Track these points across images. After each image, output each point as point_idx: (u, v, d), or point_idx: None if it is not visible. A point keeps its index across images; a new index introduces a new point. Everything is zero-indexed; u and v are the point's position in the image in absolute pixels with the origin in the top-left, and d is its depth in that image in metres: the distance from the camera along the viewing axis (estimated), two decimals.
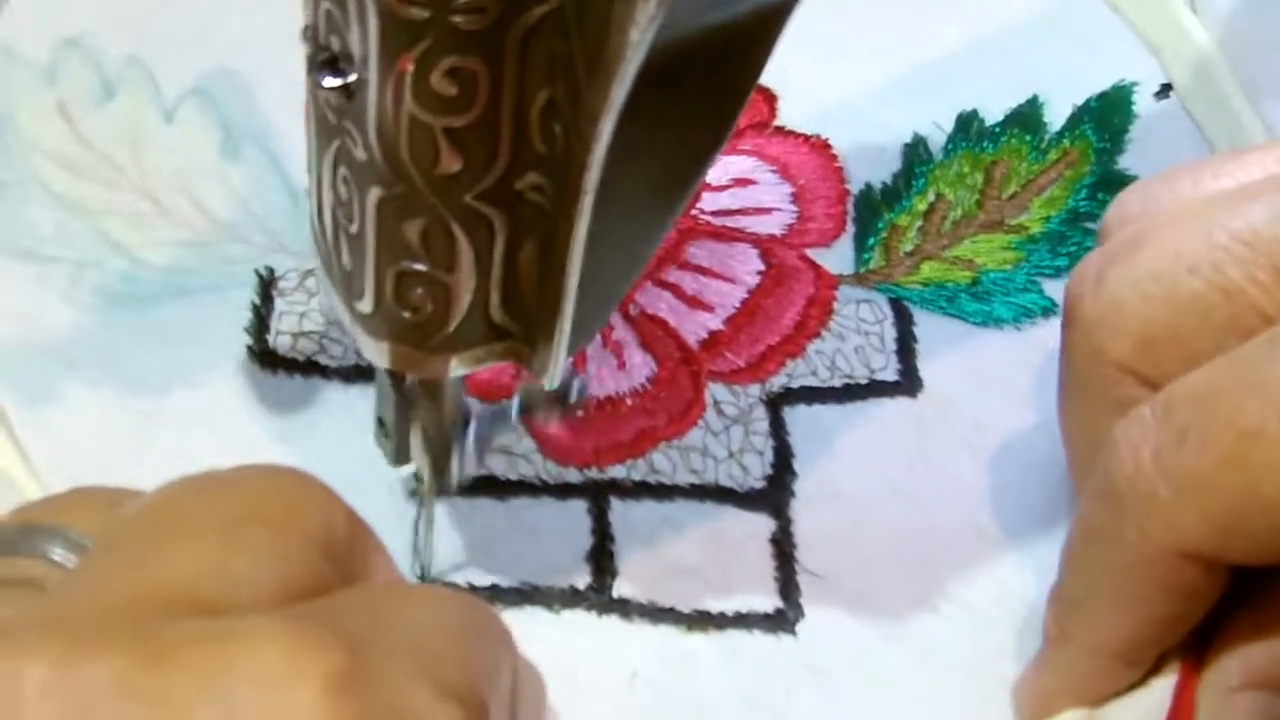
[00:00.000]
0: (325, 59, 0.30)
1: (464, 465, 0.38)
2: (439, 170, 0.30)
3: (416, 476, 0.40)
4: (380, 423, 0.37)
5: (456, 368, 0.33)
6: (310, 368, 0.43)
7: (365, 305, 0.33)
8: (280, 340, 0.43)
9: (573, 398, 0.38)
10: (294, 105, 0.48)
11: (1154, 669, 0.34)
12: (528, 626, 0.38)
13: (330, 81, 0.30)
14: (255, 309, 0.44)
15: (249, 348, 0.43)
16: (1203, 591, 0.32)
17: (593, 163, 0.29)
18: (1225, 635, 0.34)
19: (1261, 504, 0.30)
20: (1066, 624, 0.35)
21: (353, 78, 0.29)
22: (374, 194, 0.31)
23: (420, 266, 0.31)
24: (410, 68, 0.28)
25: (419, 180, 0.30)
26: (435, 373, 0.33)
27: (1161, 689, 0.34)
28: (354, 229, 0.32)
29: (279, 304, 0.44)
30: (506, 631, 0.31)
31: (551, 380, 0.33)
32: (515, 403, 0.39)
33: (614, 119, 0.29)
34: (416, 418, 0.36)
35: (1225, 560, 0.31)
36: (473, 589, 0.39)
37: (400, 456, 0.37)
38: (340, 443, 0.41)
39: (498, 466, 0.41)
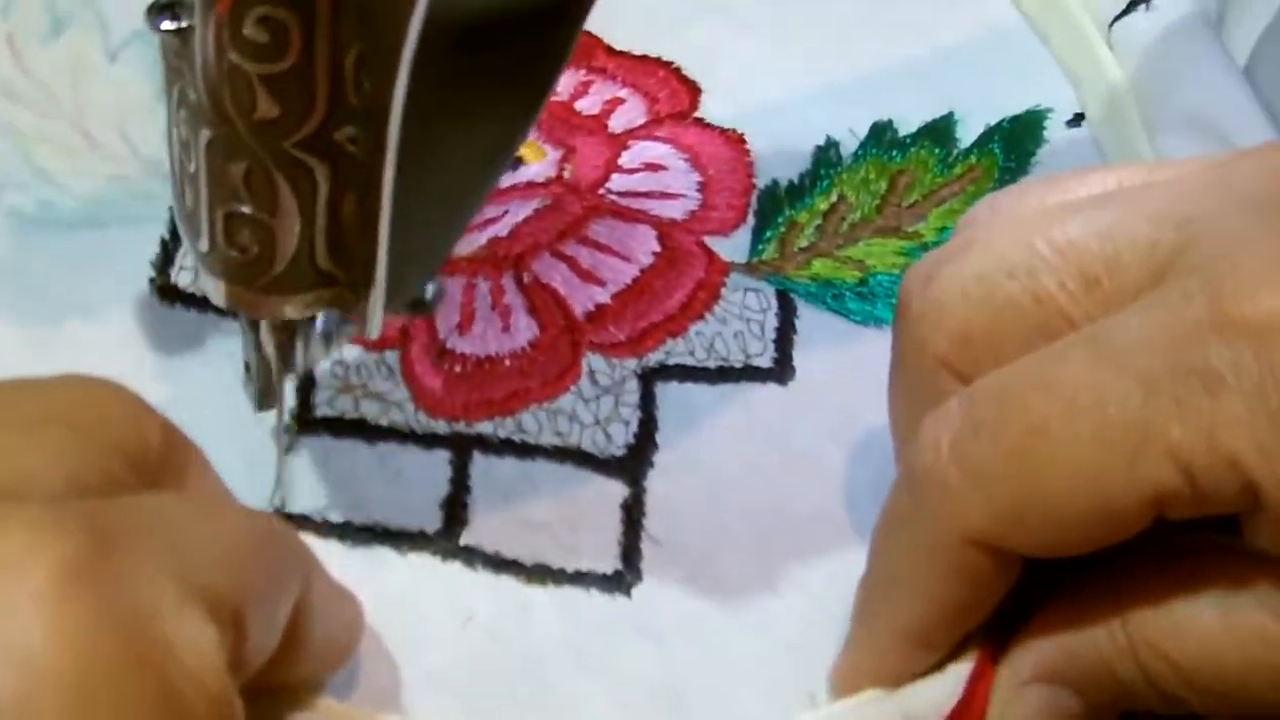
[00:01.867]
0: (163, 3, 0.32)
1: (311, 353, 0.39)
2: (257, 115, 0.32)
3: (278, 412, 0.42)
4: (246, 367, 0.39)
5: (287, 310, 0.35)
6: (208, 304, 0.44)
7: (203, 244, 0.34)
8: (183, 275, 0.45)
9: (428, 297, 0.39)
10: None
11: (955, 654, 0.36)
12: (375, 565, 0.40)
13: (166, 25, 0.32)
14: (163, 243, 0.45)
15: (150, 280, 0.45)
16: (992, 579, 0.33)
17: (392, 118, 0.31)
18: (1024, 628, 0.35)
19: (1040, 497, 0.31)
20: (869, 605, 0.36)
21: (185, 23, 0.31)
22: (204, 135, 0.33)
23: (245, 209, 0.33)
24: (225, 13, 0.30)
25: (240, 125, 0.32)
26: (266, 313, 0.35)
27: (956, 675, 0.35)
28: (192, 168, 0.34)
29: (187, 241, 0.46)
30: (299, 553, 0.33)
31: (372, 333, 0.35)
32: None
33: (406, 74, 0.31)
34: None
35: (1009, 549, 0.32)
36: (327, 524, 0.40)
37: (263, 402, 0.39)
38: (230, 380, 0.43)
39: (369, 411, 0.43)
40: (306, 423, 0.42)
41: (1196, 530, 0.32)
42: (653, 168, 0.49)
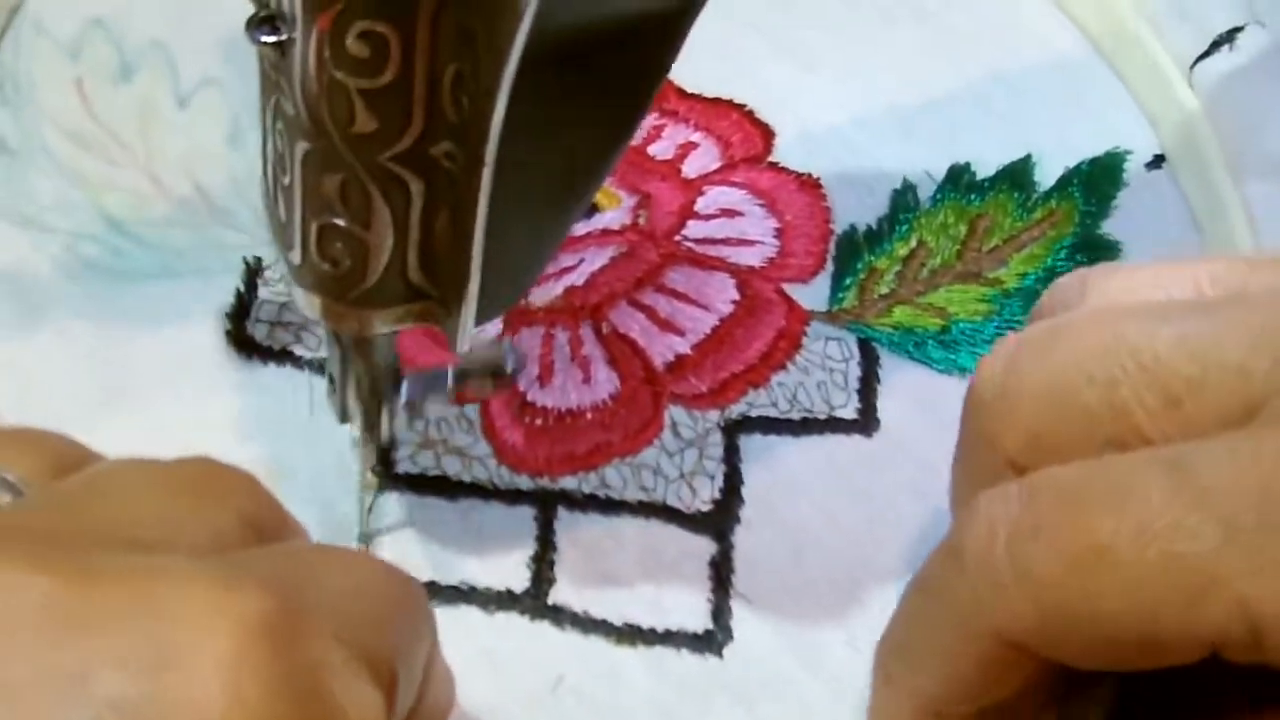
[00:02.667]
0: (263, 16, 0.32)
1: (394, 424, 0.39)
2: (355, 129, 0.32)
3: (371, 473, 0.41)
4: (330, 379, 0.39)
5: (377, 324, 0.35)
6: (284, 356, 0.44)
7: (295, 256, 0.34)
8: (258, 328, 0.44)
9: (508, 369, 0.39)
10: None
11: None
12: (461, 625, 0.39)
13: (265, 38, 0.32)
14: (238, 295, 0.45)
15: (227, 332, 0.44)
16: (1017, 674, 0.32)
17: (490, 135, 0.31)
18: None
19: (1092, 616, 0.30)
20: (889, 665, 0.35)
21: (285, 36, 0.31)
22: (300, 147, 0.33)
23: (340, 221, 0.33)
24: (328, 28, 0.30)
25: (337, 137, 0.32)
26: (357, 327, 0.35)
27: None
28: (287, 181, 0.34)
29: (262, 293, 0.45)
30: (428, 611, 0.32)
31: (461, 347, 0.35)
32: (450, 371, 0.40)
33: (506, 92, 0.30)
34: (352, 371, 0.38)
35: (1043, 655, 0.31)
36: None
37: (345, 413, 0.39)
38: (305, 433, 0.42)
39: (451, 468, 0.42)
40: (387, 479, 0.42)
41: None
42: (729, 214, 0.48)
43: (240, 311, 0.45)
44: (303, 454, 0.42)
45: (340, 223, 0.33)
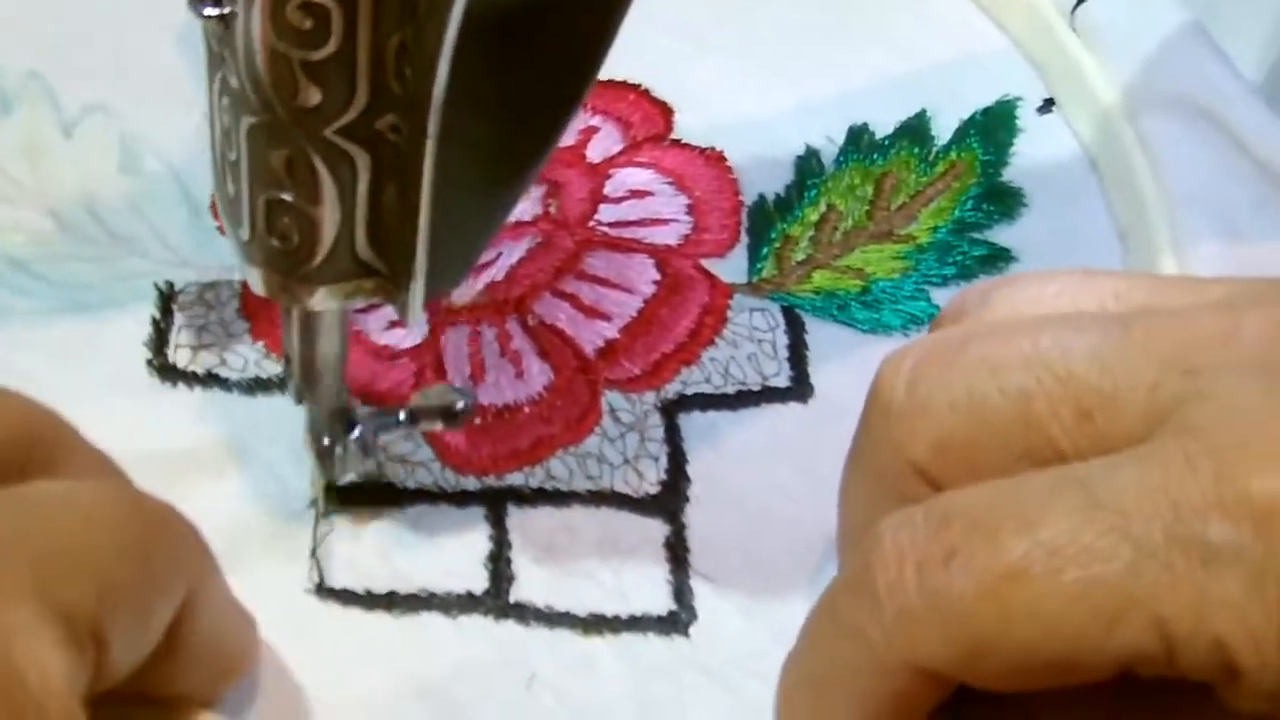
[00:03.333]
0: None
1: (349, 462, 0.39)
2: (299, 102, 0.32)
3: (314, 487, 0.41)
4: (287, 360, 0.38)
5: (326, 299, 0.35)
6: (211, 380, 0.43)
7: (244, 233, 0.34)
8: (180, 354, 0.44)
9: (459, 408, 0.39)
10: (193, 119, 0.49)
11: None
12: (426, 632, 0.39)
13: (209, 11, 0.31)
14: (154, 322, 0.44)
15: (149, 361, 0.43)
16: (925, 703, 0.32)
17: (433, 106, 0.31)
18: None
19: (1009, 642, 0.29)
20: (793, 701, 0.34)
21: (227, 9, 0.31)
22: (246, 122, 0.32)
23: (286, 196, 0.33)
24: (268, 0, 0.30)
25: (281, 110, 0.32)
26: (306, 302, 0.35)
27: None
28: (233, 156, 0.33)
29: (179, 318, 0.44)
30: (191, 555, 0.32)
31: (411, 323, 0.35)
32: (403, 411, 0.40)
33: (449, 61, 0.30)
34: (305, 407, 0.38)
35: (960, 681, 0.31)
36: (370, 595, 0.39)
37: (301, 396, 0.38)
38: (242, 454, 0.42)
39: (395, 475, 0.41)
40: (332, 494, 0.41)
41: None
42: (639, 194, 0.48)
43: (159, 339, 0.44)
44: (244, 476, 0.41)
45: (288, 198, 0.33)
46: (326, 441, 0.38)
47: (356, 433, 0.38)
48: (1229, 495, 0.28)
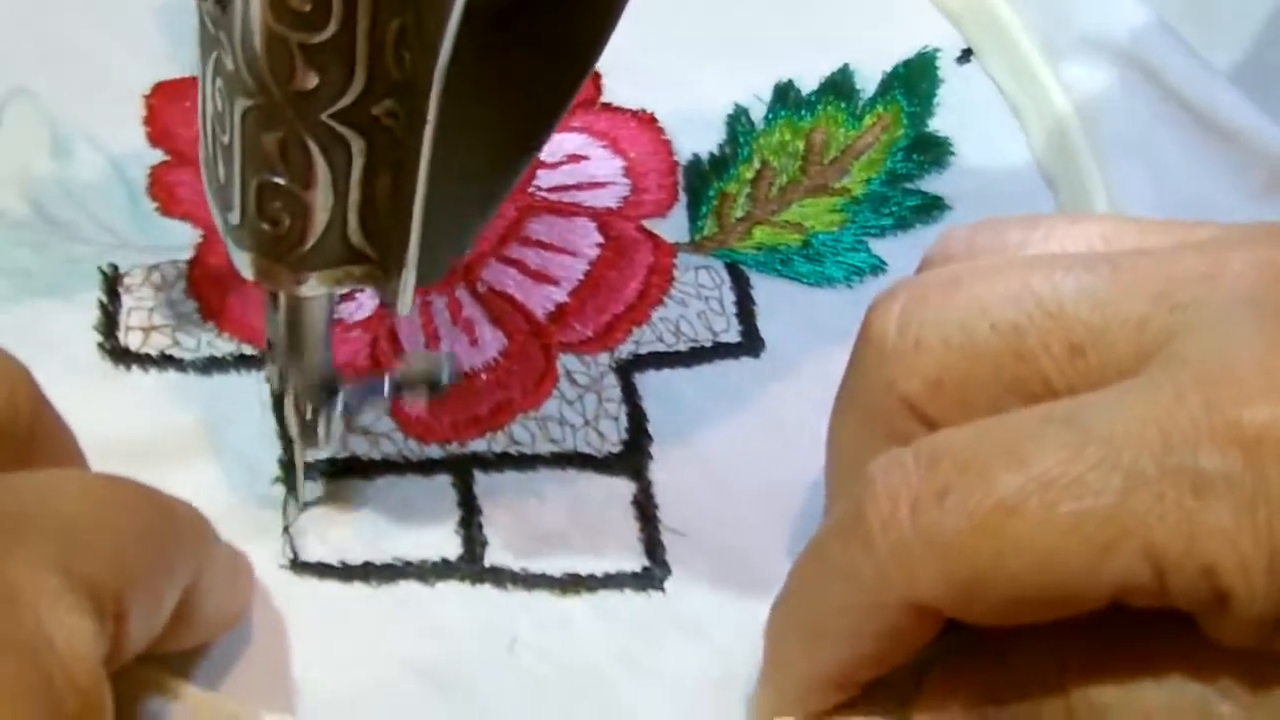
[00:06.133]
0: None
1: (331, 433, 0.39)
2: (295, 85, 0.31)
3: (280, 464, 0.41)
4: (269, 344, 0.38)
5: (316, 285, 0.35)
6: (166, 361, 0.43)
7: (234, 217, 0.34)
8: (131, 336, 0.43)
9: (444, 379, 0.39)
10: (126, 101, 0.48)
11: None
12: (405, 601, 0.39)
13: None
14: (102, 306, 0.44)
15: (100, 345, 0.43)
16: (921, 639, 0.33)
17: (433, 91, 0.31)
18: (953, 668, 0.34)
19: (1003, 576, 0.30)
20: (783, 644, 0.35)
21: None
22: (240, 105, 0.32)
23: (279, 180, 0.33)
24: None
25: (277, 94, 0.32)
26: (295, 288, 0.35)
27: None
28: (226, 140, 0.33)
29: (126, 300, 0.44)
30: (197, 536, 0.33)
31: (402, 310, 0.35)
32: (387, 381, 0.40)
33: (449, 47, 0.30)
34: (290, 382, 0.37)
35: (955, 617, 0.32)
36: (346, 568, 0.39)
37: (281, 383, 0.38)
38: (204, 435, 0.41)
39: (360, 447, 0.42)
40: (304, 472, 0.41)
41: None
42: (575, 159, 0.49)
43: (109, 322, 0.43)
44: (205, 460, 0.41)
45: (280, 182, 0.33)
46: (310, 414, 0.38)
47: (340, 404, 0.38)
48: (1219, 424, 0.29)
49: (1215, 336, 0.30)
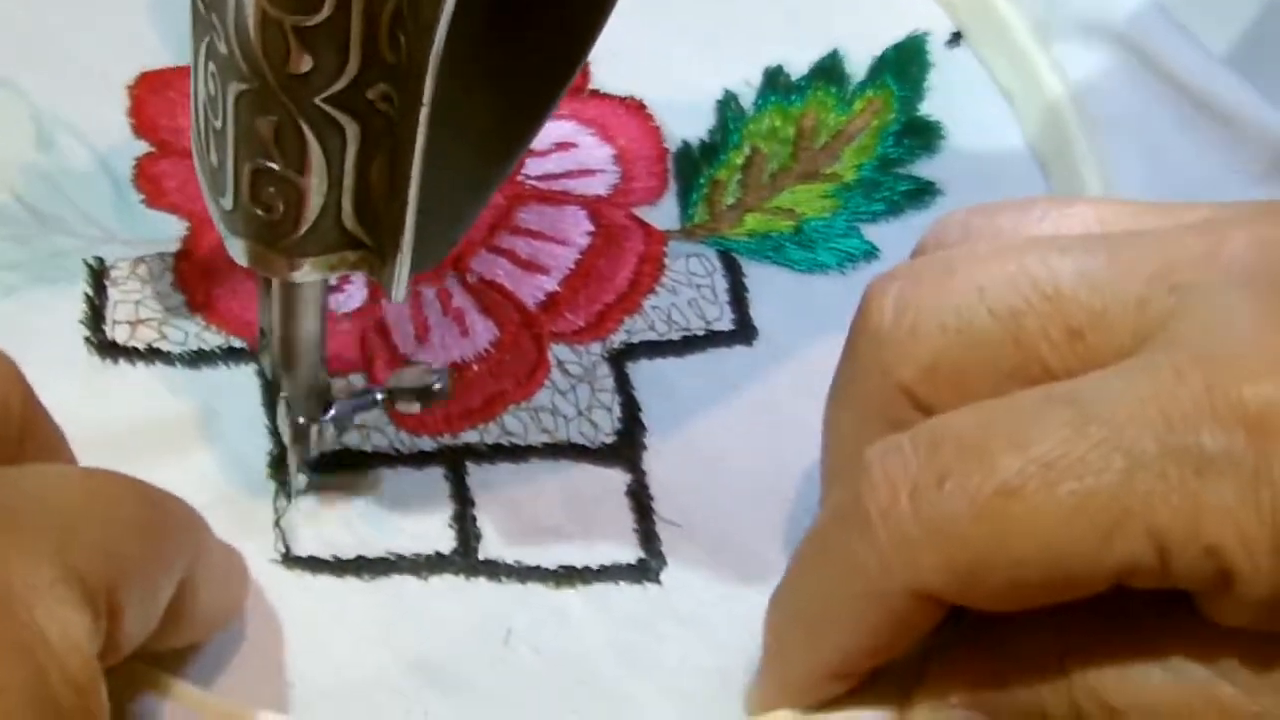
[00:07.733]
0: None
1: (324, 442, 0.39)
2: (289, 68, 0.31)
3: (272, 458, 0.40)
4: (262, 333, 0.38)
5: (310, 271, 0.34)
6: (153, 355, 0.42)
7: (227, 202, 0.34)
8: (118, 330, 0.43)
9: (435, 389, 0.39)
10: (111, 93, 0.48)
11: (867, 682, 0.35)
12: (399, 594, 0.39)
13: None
14: (88, 299, 0.43)
15: (87, 339, 0.42)
16: (924, 626, 0.32)
17: (429, 74, 0.31)
18: (952, 655, 0.34)
19: (1006, 560, 0.30)
20: (786, 636, 0.35)
21: None
22: (233, 89, 0.32)
23: (273, 165, 0.33)
24: None
25: (271, 77, 0.31)
26: (289, 274, 0.34)
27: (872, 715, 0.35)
28: (218, 124, 0.33)
29: (113, 294, 0.43)
30: (190, 532, 0.32)
31: (397, 296, 0.34)
32: (379, 391, 0.39)
33: (445, 30, 0.30)
34: (282, 389, 0.37)
35: (957, 603, 0.31)
36: (339, 561, 0.39)
37: (276, 372, 0.38)
38: (193, 428, 0.41)
39: (352, 440, 0.41)
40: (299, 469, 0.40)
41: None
42: (564, 146, 0.48)
43: (95, 316, 0.43)
44: (194, 454, 0.41)
45: (274, 167, 0.32)
46: (303, 421, 0.37)
47: (332, 413, 0.38)
48: (1221, 403, 0.29)
49: (1215, 316, 0.30)
